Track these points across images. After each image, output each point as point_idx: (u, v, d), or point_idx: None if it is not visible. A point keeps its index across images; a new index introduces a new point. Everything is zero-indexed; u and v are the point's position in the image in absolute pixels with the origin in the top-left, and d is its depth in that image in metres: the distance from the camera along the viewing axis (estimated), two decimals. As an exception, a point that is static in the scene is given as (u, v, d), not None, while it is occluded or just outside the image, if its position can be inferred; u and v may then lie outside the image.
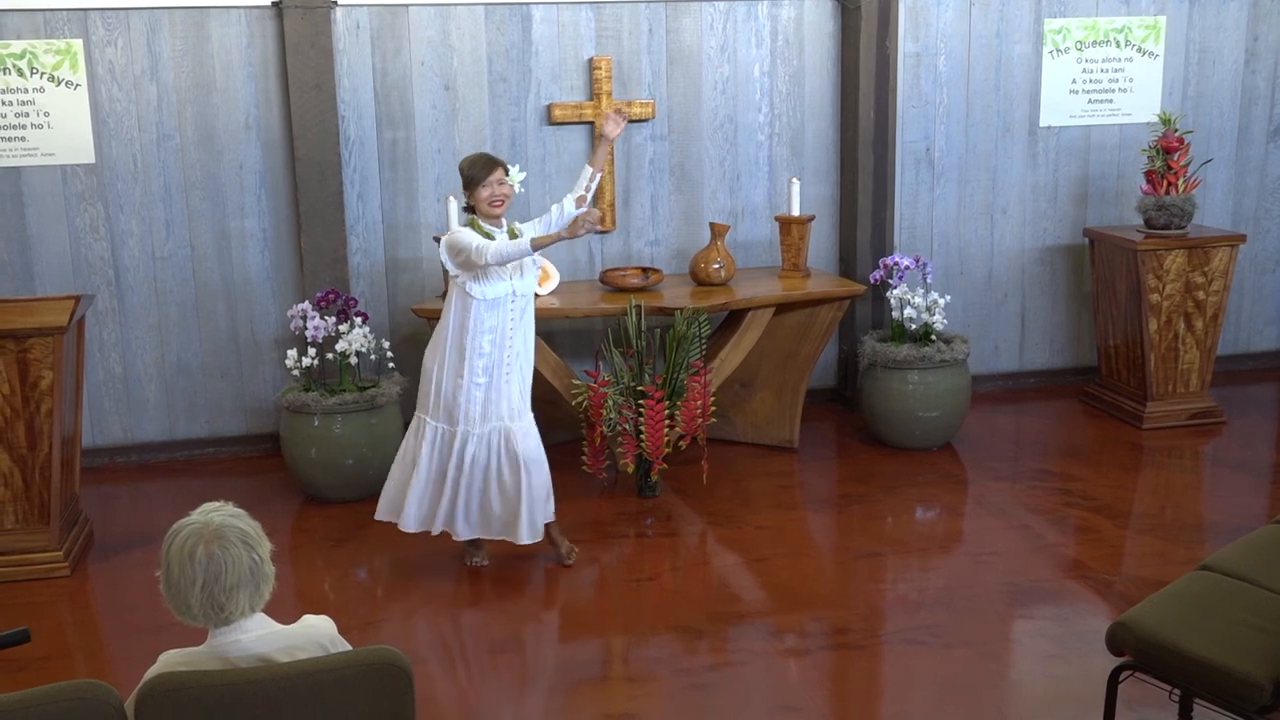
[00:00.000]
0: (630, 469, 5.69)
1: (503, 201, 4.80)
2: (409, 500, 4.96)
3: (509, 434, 4.90)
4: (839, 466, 6.32)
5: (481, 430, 4.89)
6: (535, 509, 4.95)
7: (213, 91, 6.26)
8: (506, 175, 4.83)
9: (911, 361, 6.25)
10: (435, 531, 5.00)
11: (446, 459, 4.92)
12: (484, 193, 4.78)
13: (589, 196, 5.01)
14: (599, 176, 5.03)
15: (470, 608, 4.87)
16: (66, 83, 6.11)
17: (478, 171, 4.79)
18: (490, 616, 4.78)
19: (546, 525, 5.05)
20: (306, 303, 5.98)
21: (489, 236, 4.79)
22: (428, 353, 4.95)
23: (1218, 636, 3.20)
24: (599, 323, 6.28)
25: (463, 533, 4.99)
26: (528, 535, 4.95)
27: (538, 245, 4.69)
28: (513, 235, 4.85)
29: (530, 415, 4.99)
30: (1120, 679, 3.39)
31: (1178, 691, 3.33)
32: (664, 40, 6.66)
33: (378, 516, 5.09)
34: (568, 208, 4.96)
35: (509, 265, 4.79)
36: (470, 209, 4.87)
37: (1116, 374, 6.92)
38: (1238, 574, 3.52)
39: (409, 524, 4.98)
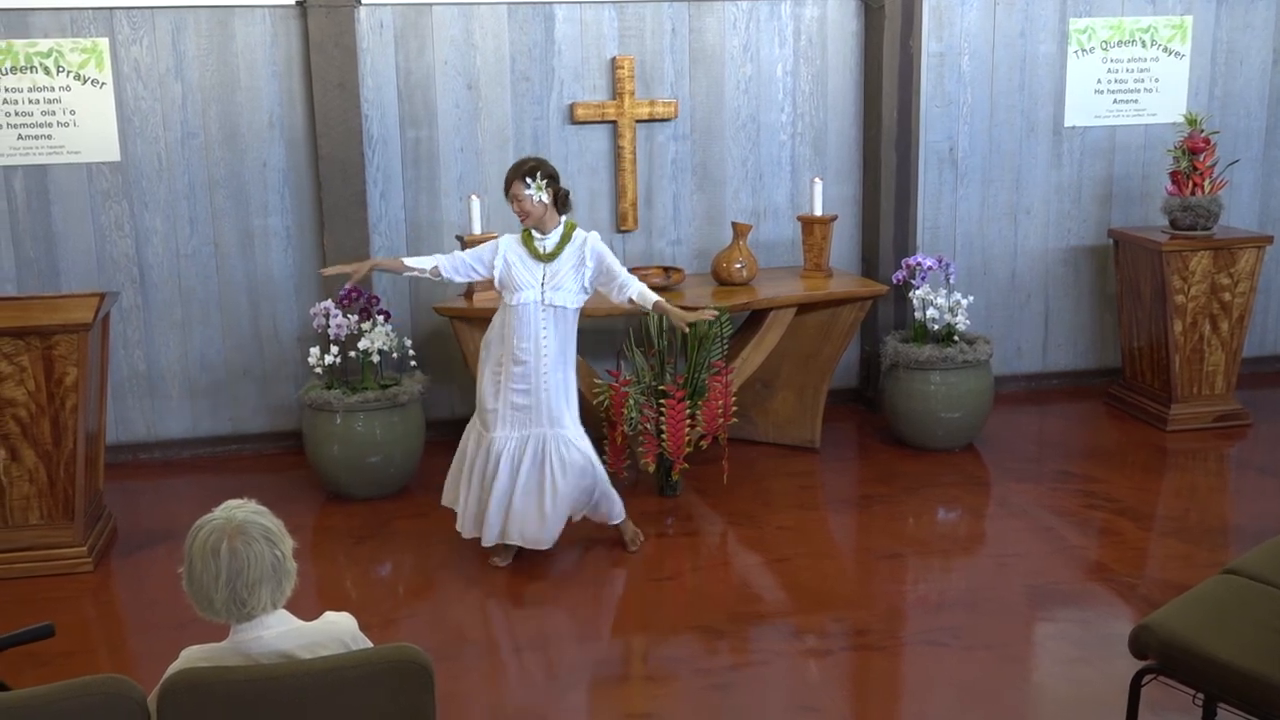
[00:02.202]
0: (651, 468, 5.68)
1: (525, 216, 4.87)
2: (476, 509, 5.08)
3: (546, 440, 4.97)
4: (860, 467, 6.30)
5: (517, 435, 4.96)
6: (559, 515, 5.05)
7: (237, 90, 6.29)
8: (527, 187, 4.83)
9: (934, 362, 6.23)
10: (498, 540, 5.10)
11: (485, 463, 4.99)
12: (511, 204, 4.91)
13: (638, 305, 5.03)
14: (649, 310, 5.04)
15: (491, 606, 4.88)
16: (92, 81, 6.15)
17: (506, 179, 4.91)
18: (511, 615, 4.79)
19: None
20: (329, 301, 5.99)
21: (528, 242, 4.90)
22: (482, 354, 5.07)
23: (1242, 641, 3.18)
24: (620, 322, 6.27)
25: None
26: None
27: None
28: (563, 242, 4.89)
29: (568, 423, 5.01)
30: (1143, 683, 3.36)
31: (1201, 696, 3.31)
32: (686, 39, 6.65)
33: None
34: (625, 293, 4.97)
35: (537, 273, 4.87)
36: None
37: (1141, 376, 6.88)
38: (1263, 578, 3.50)
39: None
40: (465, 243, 6.09)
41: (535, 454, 4.96)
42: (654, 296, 5.01)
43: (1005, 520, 5.54)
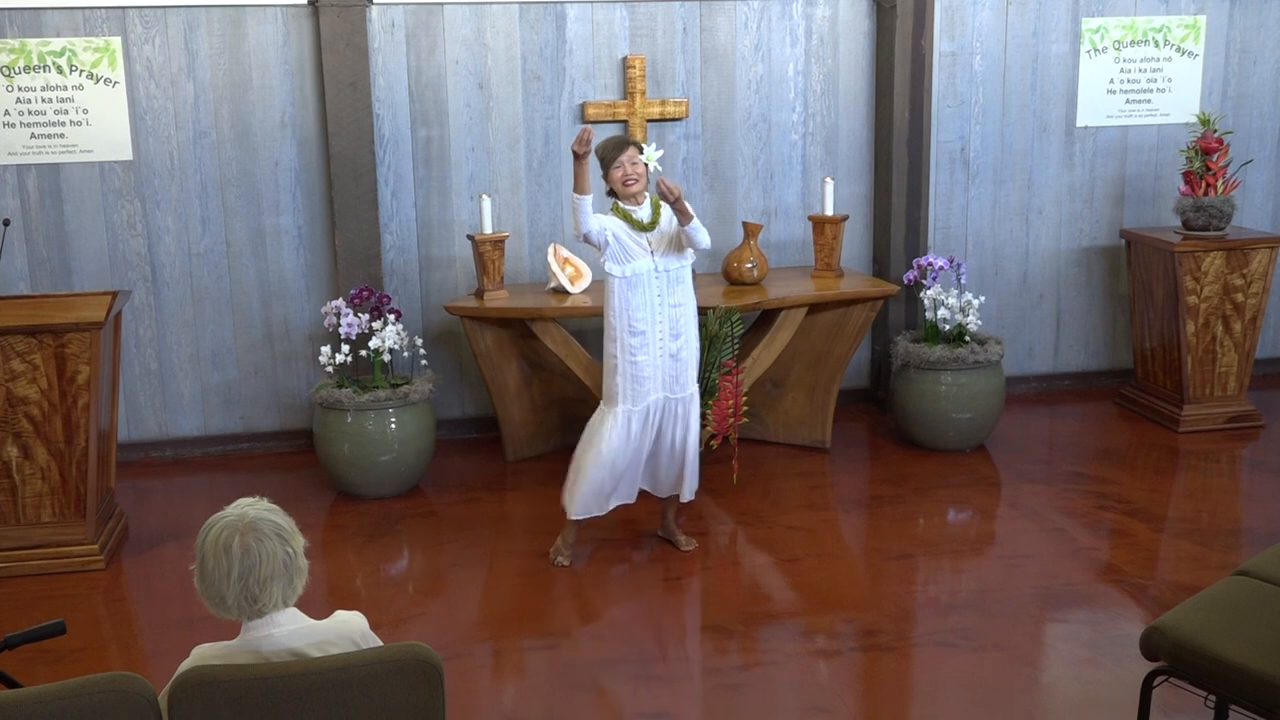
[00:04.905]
0: (661, 468, 5.67)
1: (636, 180, 4.89)
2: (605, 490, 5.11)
3: (684, 402, 5.07)
4: (871, 467, 6.29)
5: (659, 400, 5.02)
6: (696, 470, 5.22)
7: (249, 89, 6.30)
8: (640, 154, 4.92)
9: (945, 362, 6.22)
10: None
11: (642, 436, 5.02)
12: (617, 173, 4.88)
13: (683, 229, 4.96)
14: (689, 225, 4.94)
15: (501, 605, 4.88)
16: (105, 80, 6.17)
17: (609, 152, 4.90)
18: (521, 613, 4.79)
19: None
20: (340, 300, 6.01)
21: (627, 217, 4.89)
22: (605, 341, 5.03)
23: (1254, 642, 3.16)
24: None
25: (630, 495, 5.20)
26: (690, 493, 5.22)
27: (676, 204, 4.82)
28: (656, 209, 4.95)
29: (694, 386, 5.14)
30: (1154, 684, 3.35)
31: (1213, 698, 3.30)
32: (698, 39, 6.65)
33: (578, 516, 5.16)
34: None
35: (648, 241, 4.90)
36: (612, 192, 4.97)
37: (1153, 376, 6.86)
38: (1275, 580, 3.48)
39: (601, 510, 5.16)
40: (476, 242, 6.11)
41: (675, 415, 5.07)
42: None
43: (1016, 521, 5.53)
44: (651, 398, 5.00)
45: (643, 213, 4.93)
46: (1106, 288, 7.35)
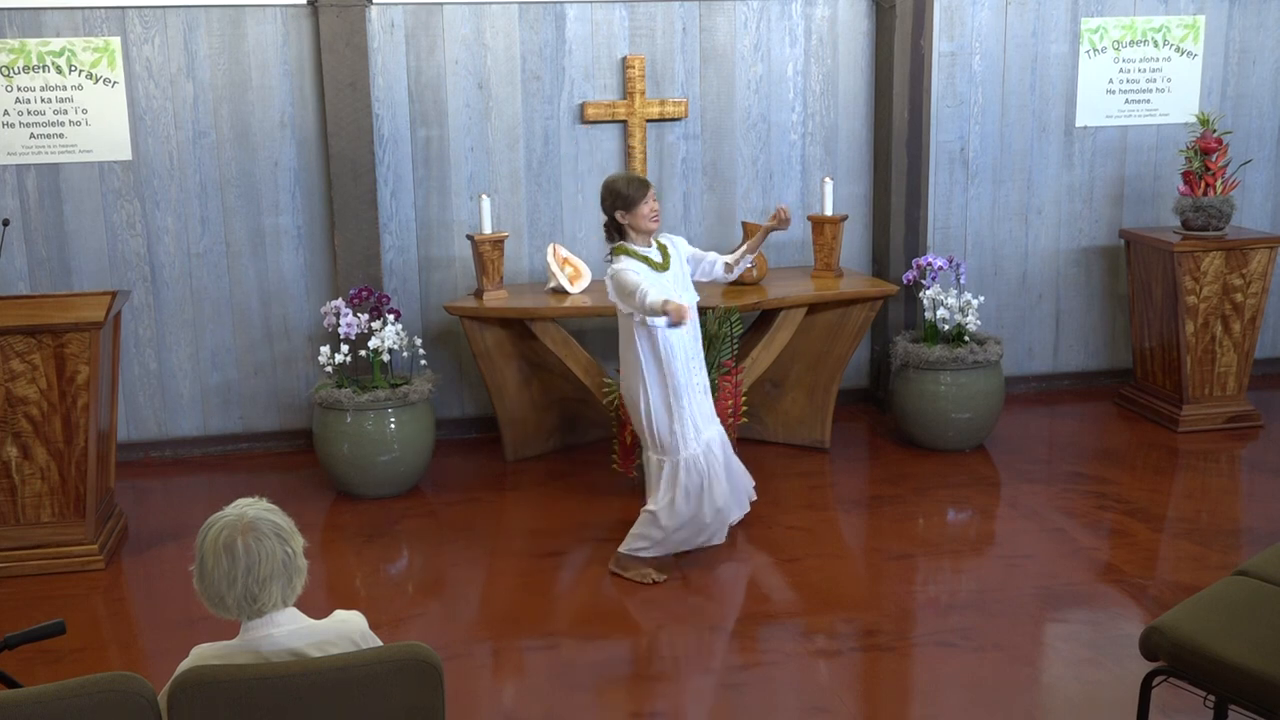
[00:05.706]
0: (661, 468, 5.67)
1: (656, 219, 4.95)
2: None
3: (722, 433, 5.11)
4: (870, 467, 6.29)
5: (708, 437, 5.01)
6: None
7: (248, 89, 6.30)
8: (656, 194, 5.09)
9: (944, 362, 6.22)
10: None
11: (701, 478, 4.95)
12: (645, 209, 4.90)
13: (736, 268, 5.16)
14: (750, 258, 5.15)
15: (501, 605, 4.88)
16: (104, 80, 6.17)
17: (635, 190, 4.91)
18: (520, 614, 4.79)
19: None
20: (340, 300, 6.00)
21: (646, 260, 4.89)
22: (630, 394, 4.97)
23: (1254, 642, 3.16)
24: (630, 321, 6.27)
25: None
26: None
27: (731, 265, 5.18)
28: (661, 249, 4.98)
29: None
30: (1154, 684, 3.35)
31: (1212, 698, 3.30)
32: (697, 39, 6.65)
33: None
34: (717, 266, 5.18)
35: (680, 284, 4.95)
36: (614, 228, 4.94)
37: (1152, 376, 6.86)
38: (1274, 579, 3.48)
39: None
40: (475, 242, 6.11)
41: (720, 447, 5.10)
42: (738, 254, 5.19)
43: (1015, 521, 5.53)
44: (701, 434, 4.98)
45: (654, 253, 4.96)
46: (1106, 288, 7.35)
